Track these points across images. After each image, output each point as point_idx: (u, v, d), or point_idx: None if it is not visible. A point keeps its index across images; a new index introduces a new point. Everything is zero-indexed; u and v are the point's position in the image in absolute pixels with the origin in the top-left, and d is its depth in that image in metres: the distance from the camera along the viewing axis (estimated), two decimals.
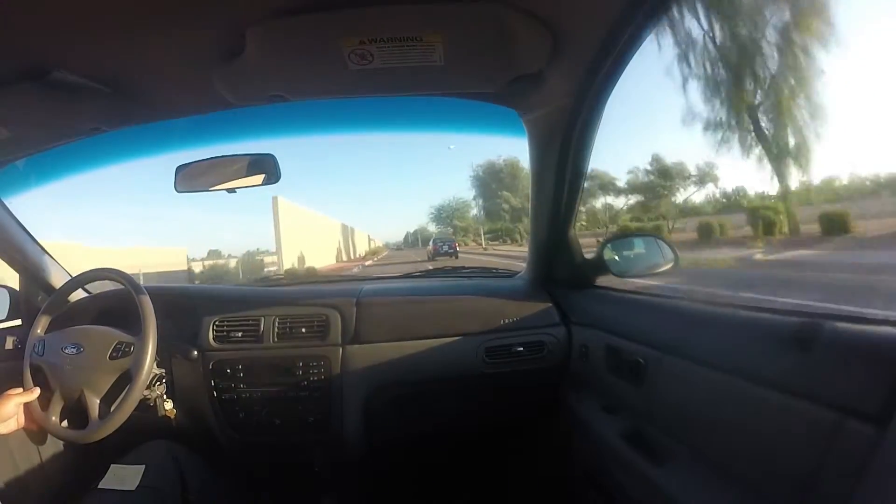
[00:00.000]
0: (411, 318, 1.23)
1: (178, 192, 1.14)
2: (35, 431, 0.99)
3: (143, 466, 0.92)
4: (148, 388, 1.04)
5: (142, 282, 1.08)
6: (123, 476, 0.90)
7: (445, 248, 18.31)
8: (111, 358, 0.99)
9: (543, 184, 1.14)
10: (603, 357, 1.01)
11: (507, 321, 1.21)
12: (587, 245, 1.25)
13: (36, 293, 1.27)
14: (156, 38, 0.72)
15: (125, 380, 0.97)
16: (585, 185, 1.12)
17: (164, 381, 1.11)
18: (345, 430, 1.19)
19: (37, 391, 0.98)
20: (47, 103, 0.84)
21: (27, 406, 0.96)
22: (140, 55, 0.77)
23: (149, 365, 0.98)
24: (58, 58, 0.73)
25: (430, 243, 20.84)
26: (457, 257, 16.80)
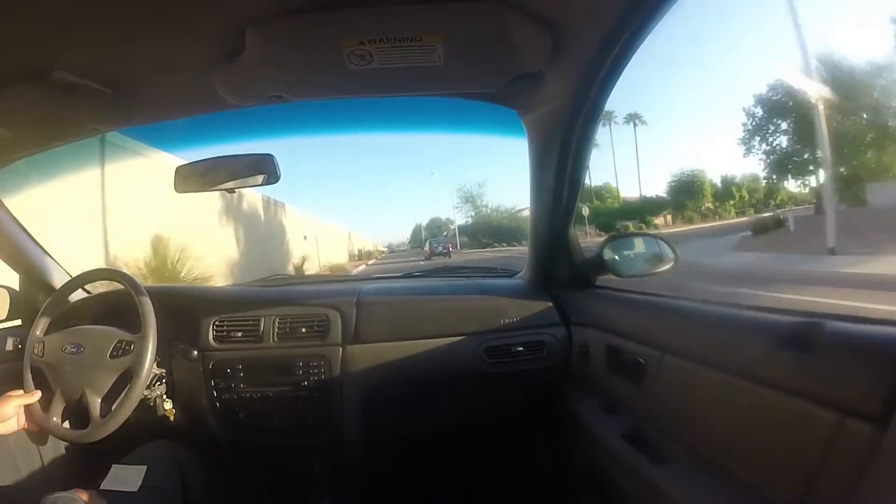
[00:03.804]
0: (411, 318, 1.23)
1: (177, 192, 1.14)
2: (36, 432, 0.99)
3: (145, 467, 0.92)
4: (148, 387, 1.04)
5: None
6: (125, 476, 0.90)
7: (440, 248, 21.36)
8: (111, 357, 0.99)
9: (543, 184, 1.13)
10: (603, 357, 1.01)
11: (506, 321, 1.21)
12: None
13: (36, 293, 1.27)
14: (155, 38, 0.72)
15: (126, 379, 0.97)
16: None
17: (164, 380, 1.11)
18: (344, 429, 1.19)
19: (38, 393, 0.98)
20: (47, 103, 0.84)
21: (27, 407, 0.96)
22: (140, 55, 0.77)
23: (149, 364, 0.98)
24: (58, 58, 0.73)
25: (427, 244, 23.86)
26: (450, 257, 18.48)
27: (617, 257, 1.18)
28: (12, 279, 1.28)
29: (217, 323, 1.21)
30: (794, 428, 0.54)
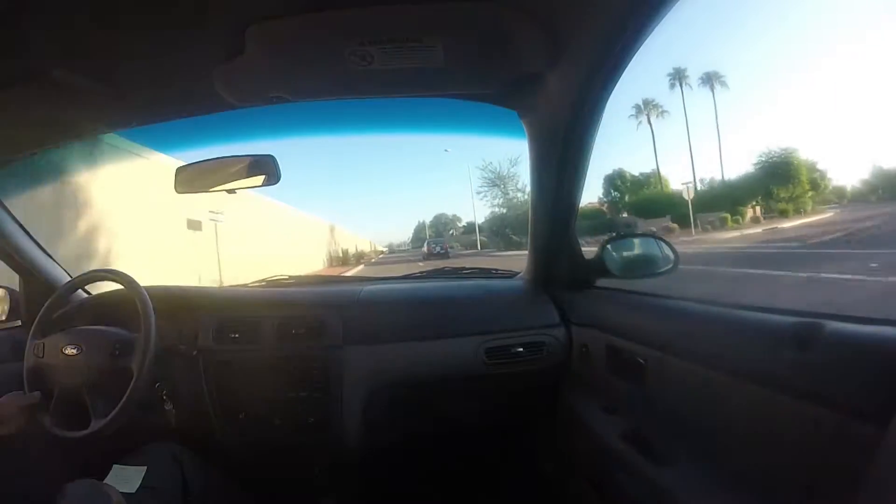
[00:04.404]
0: (411, 319, 1.23)
1: (178, 193, 1.14)
2: (36, 433, 0.99)
3: (145, 467, 0.92)
4: (148, 388, 1.04)
5: None
6: (125, 477, 0.90)
7: (438, 248, 21.31)
8: (111, 358, 0.98)
9: (543, 184, 1.14)
10: (603, 357, 1.01)
11: (506, 322, 1.21)
12: None
13: (35, 294, 1.27)
14: (156, 39, 0.72)
15: (125, 380, 0.97)
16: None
17: (163, 381, 1.11)
18: (344, 430, 1.19)
19: (37, 395, 0.98)
20: (47, 103, 0.84)
21: (28, 408, 0.96)
22: (140, 55, 0.77)
23: (149, 364, 0.98)
24: (58, 58, 0.73)
25: (425, 245, 24.09)
26: (448, 257, 18.78)
27: (617, 258, 1.18)
28: (12, 279, 1.27)
29: (217, 323, 1.20)
30: (794, 428, 0.54)
